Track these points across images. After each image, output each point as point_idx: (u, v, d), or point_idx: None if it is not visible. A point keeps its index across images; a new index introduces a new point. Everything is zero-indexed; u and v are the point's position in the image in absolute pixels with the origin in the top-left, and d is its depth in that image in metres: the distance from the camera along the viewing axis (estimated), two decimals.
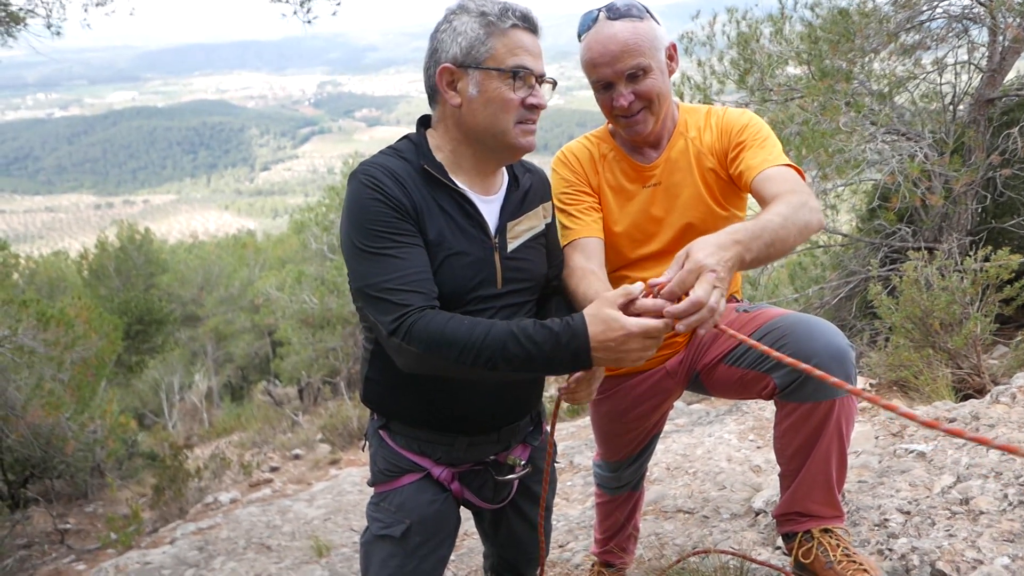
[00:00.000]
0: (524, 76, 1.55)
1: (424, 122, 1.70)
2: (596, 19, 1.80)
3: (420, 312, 1.43)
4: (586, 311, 1.40)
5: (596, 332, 1.36)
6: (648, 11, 1.81)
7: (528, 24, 1.57)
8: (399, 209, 1.50)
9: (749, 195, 1.90)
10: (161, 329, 16.15)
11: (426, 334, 1.41)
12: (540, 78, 1.59)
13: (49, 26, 6.03)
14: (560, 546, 3.18)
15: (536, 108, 1.59)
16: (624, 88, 1.80)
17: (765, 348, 1.34)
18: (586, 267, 1.82)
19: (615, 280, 1.98)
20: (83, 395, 7.73)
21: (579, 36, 1.85)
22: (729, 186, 1.92)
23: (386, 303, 1.45)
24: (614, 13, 1.78)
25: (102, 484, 8.68)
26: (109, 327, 9.09)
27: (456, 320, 1.42)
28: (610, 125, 2.02)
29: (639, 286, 1.38)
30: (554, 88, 1.65)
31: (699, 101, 6.54)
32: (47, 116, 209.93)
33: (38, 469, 7.47)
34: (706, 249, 1.36)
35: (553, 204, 1.88)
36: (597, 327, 1.37)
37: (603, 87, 1.83)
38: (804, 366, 1.25)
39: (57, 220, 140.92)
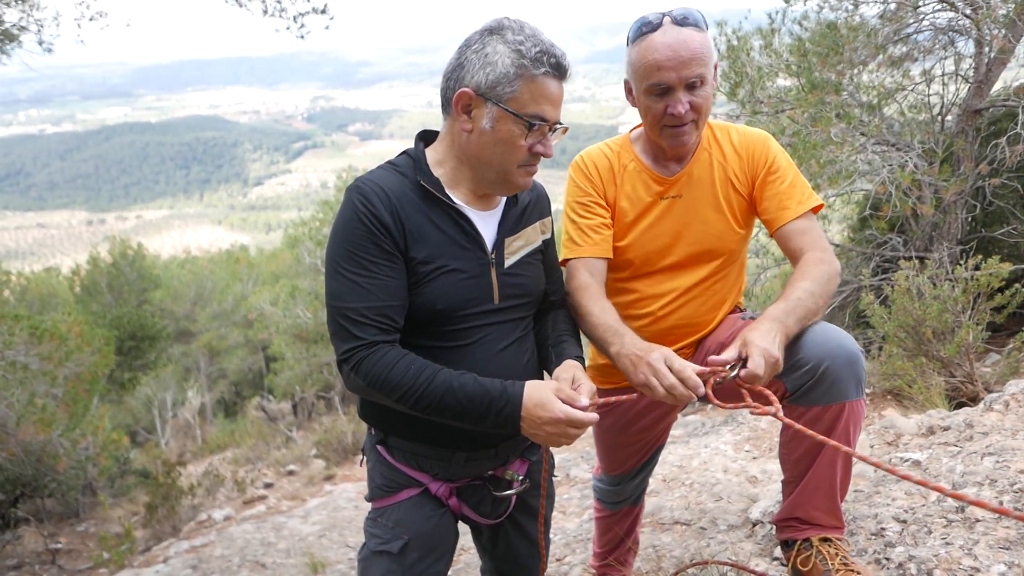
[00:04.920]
0: (539, 127, 1.54)
1: (423, 137, 1.71)
2: (659, 24, 1.75)
3: (371, 348, 1.50)
4: (528, 384, 1.52)
5: (529, 406, 1.49)
6: (706, 22, 1.79)
7: (559, 72, 1.54)
8: (383, 233, 1.51)
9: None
10: (154, 345, 16.06)
11: (372, 373, 1.49)
12: (553, 125, 1.58)
13: (40, 42, 6.04)
14: (557, 560, 3.17)
15: (543, 155, 1.60)
16: (683, 96, 1.76)
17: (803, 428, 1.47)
18: (593, 285, 1.88)
19: (625, 291, 2.00)
20: (76, 411, 7.66)
21: (631, 40, 1.80)
22: (749, 208, 1.94)
23: (344, 331, 1.52)
24: (681, 20, 1.74)
25: (94, 502, 8.58)
26: (101, 341, 9.02)
27: (404, 363, 1.50)
28: (632, 134, 2.01)
29: (584, 402, 1.50)
30: (564, 133, 1.65)
31: None
32: (39, 132, 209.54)
33: (29, 488, 7.38)
34: (764, 340, 1.54)
35: (552, 219, 1.87)
36: (532, 402, 1.49)
37: (659, 93, 1.78)
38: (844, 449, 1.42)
39: (49, 236, 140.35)
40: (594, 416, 1.50)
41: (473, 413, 1.50)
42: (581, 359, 1.72)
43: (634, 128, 2.03)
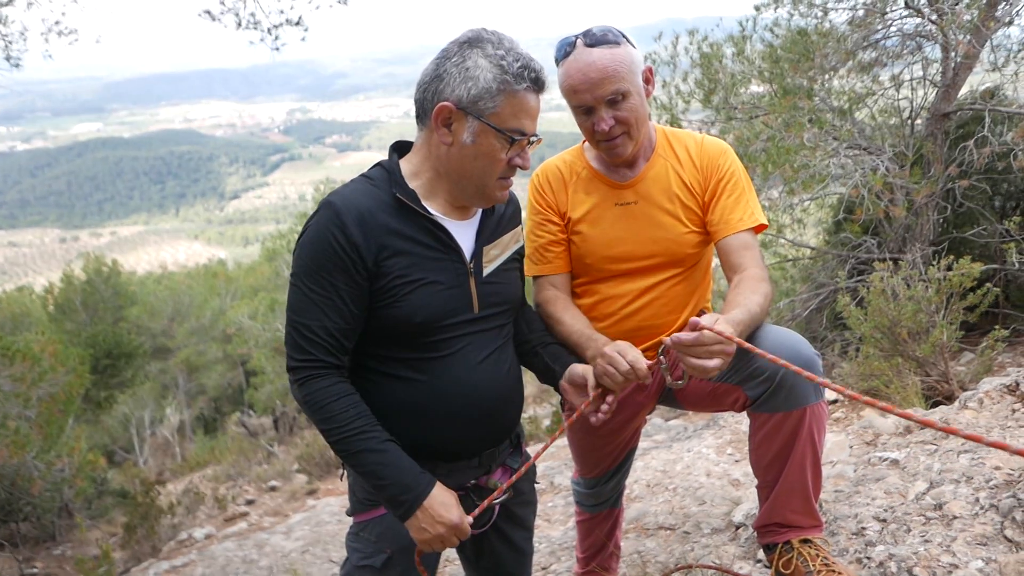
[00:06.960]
0: (519, 141, 1.56)
1: (397, 148, 1.70)
2: (574, 46, 1.80)
3: (323, 370, 1.52)
4: (438, 484, 1.55)
5: (435, 503, 1.52)
6: (624, 36, 1.82)
7: (538, 86, 1.56)
8: (352, 255, 1.50)
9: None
10: (130, 363, 15.81)
11: (314, 396, 1.51)
12: (531, 138, 1.59)
13: (8, 58, 5.95)
14: (543, 568, 3.16)
15: (520, 168, 1.62)
16: (605, 113, 1.81)
17: (765, 354, 1.44)
18: (560, 296, 1.98)
19: (587, 293, 2.05)
20: (50, 432, 7.50)
21: (556, 62, 1.86)
22: (702, 214, 1.98)
23: (295, 343, 1.53)
24: (591, 40, 1.78)
25: (71, 525, 8.39)
26: (76, 360, 8.86)
27: (347, 401, 1.52)
28: (585, 144, 2.06)
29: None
30: (539, 143, 1.67)
31: (666, 121, 6.66)
32: (9, 150, 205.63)
33: (3, 512, 7.21)
34: (715, 322, 1.55)
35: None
36: (438, 500, 1.52)
37: (584, 112, 1.85)
38: (795, 368, 1.37)
39: (21, 255, 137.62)
40: (467, 530, 1.57)
41: (384, 480, 1.51)
42: (578, 360, 1.79)
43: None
